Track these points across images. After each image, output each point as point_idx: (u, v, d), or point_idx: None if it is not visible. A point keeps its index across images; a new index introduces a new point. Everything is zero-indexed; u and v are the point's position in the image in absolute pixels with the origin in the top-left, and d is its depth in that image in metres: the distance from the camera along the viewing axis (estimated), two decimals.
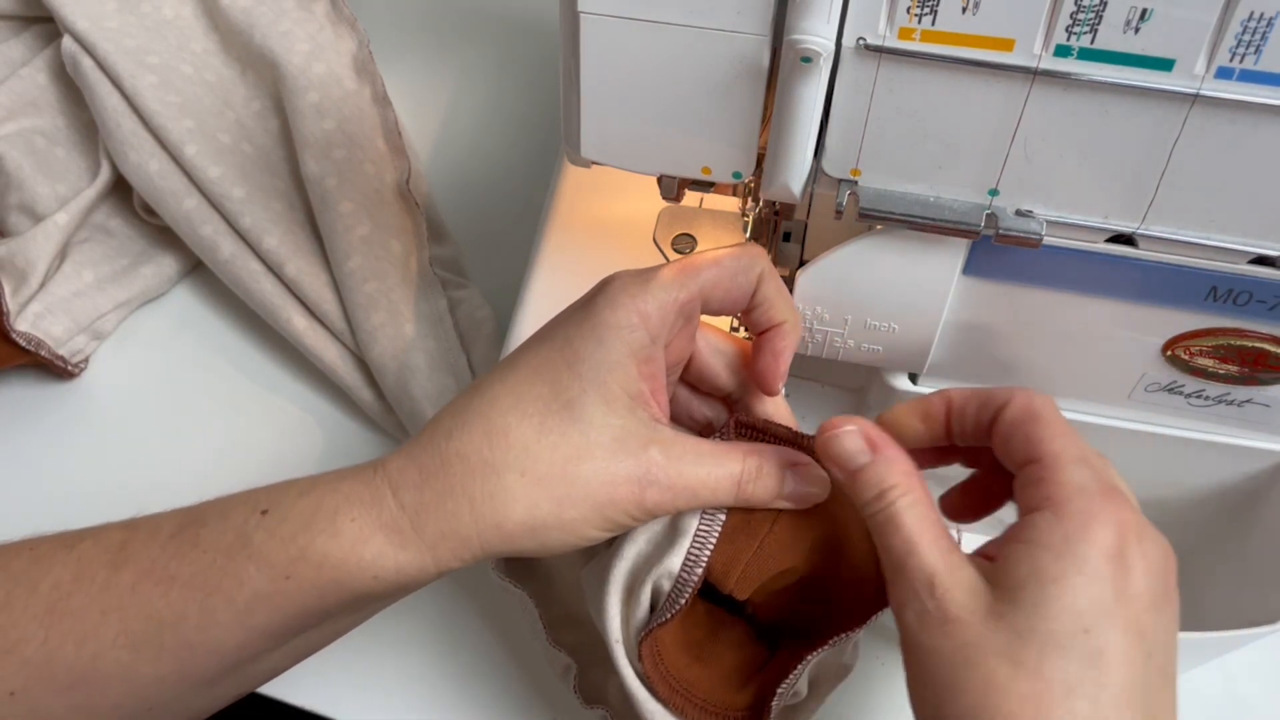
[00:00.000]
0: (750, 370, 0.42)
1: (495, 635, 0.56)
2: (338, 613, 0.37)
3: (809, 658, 0.38)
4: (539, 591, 0.46)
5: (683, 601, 0.39)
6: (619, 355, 0.37)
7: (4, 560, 0.37)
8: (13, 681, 0.35)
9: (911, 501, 0.36)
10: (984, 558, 0.36)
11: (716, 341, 0.42)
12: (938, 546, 0.35)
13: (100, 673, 0.35)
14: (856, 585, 0.40)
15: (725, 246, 0.40)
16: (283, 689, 0.54)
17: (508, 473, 0.36)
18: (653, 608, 0.40)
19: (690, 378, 0.43)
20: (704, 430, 0.44)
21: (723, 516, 0.39)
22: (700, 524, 0.39)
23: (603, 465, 0.36)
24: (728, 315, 0.41)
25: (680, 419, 0.44)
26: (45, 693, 0.35)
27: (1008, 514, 0.39)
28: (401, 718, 0.54)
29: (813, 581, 0.41)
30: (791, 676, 0.39)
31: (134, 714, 0.37)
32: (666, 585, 0.39)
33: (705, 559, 0.39)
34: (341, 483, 0.37)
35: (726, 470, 0.38)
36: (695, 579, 0.39)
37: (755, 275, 0.40)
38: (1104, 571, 0.33)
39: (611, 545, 0.41)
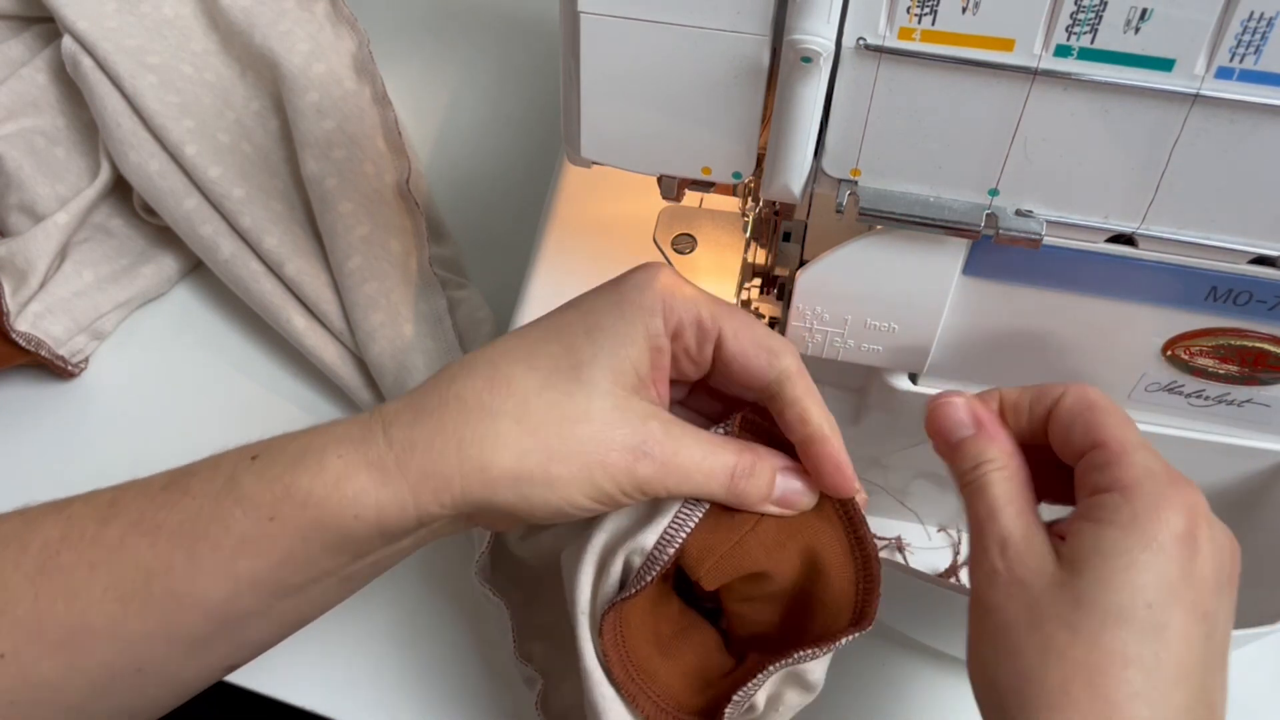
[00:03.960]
0: (821, 485, 0.40)
1: (496, 636, 0.56)
2: (322, 561, 0.37)
3: (770, 668, 0.38)
4: (518, 600, 0.46)
5: (649, 579, 0.38)
6: (637, 333, 0.37)
7: None
8: (3, 643, 0.35)
9: (1005, 476, 0.37)
10: (1057, 536, 0.37)
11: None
12: (1019, 516, 0.37)
13: (89, 628, 0.35)
14: (834, 609, 0.39)
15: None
16: (283, 689, 0.54)
17: (502, 418, 0.36)
18: (623, 584, 0.40)
19: (717, 380, 0.42)
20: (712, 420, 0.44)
21: (706, 505, 0.39)
22: (683, 506, 0.39)
23: (600, 429, 0.36)
24: (737, 386, 0.40)
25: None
26: (36, 653, 0.35)
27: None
28: (401, 717, 0.54)
29: (789, 600, 0.41)
30: (750, 685, 0.38)
31: (124, 674, 0.37)
32: (638, 561, 0.39)
33: (680, 540, 0.39)
34: (336, 425, 0.37)
35: (722, 460, 0.38)
36: (666, 558, 0.39)
37: (778, 366, 0.38)
38: (1172, 551, 0.34)
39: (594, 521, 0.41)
